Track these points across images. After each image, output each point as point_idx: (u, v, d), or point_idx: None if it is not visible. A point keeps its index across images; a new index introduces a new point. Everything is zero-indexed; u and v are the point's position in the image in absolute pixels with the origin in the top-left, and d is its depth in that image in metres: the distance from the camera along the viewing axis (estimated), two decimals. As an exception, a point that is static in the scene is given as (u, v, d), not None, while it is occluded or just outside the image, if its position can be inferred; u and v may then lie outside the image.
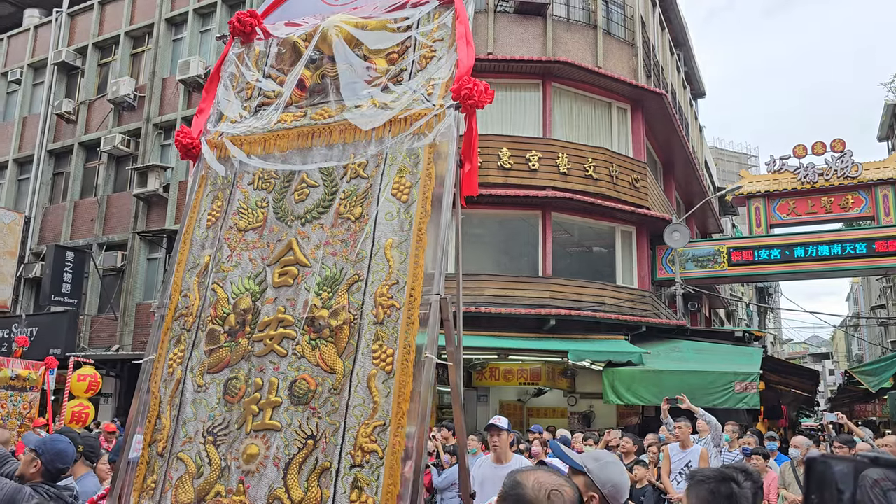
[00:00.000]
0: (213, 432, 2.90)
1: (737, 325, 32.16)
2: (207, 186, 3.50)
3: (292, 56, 3.59)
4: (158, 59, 19.47)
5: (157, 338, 3.22)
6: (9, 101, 22.99)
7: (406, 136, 3.12)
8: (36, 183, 20.96)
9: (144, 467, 2.96)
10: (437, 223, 2.93)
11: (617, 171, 15.97)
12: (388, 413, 2.66)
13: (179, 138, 3.54)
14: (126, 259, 18.37)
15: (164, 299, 3.31)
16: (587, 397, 16.32)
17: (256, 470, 2.76)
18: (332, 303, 2.92)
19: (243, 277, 3.16)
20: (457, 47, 3.22)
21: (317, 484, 2.66)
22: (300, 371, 2.87)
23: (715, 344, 15.24)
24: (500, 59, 15.62)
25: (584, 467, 2.31)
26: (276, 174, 3.33)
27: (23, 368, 9.77)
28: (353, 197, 3.11)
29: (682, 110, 23.05)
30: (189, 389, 3.01)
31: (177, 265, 3.34)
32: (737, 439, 8.96)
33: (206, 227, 3.38)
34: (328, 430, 2.72)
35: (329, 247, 3.05)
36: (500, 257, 15.72)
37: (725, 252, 17.46)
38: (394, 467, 2.57)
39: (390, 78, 3.32)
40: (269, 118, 3.48)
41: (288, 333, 2.95)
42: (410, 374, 2.69)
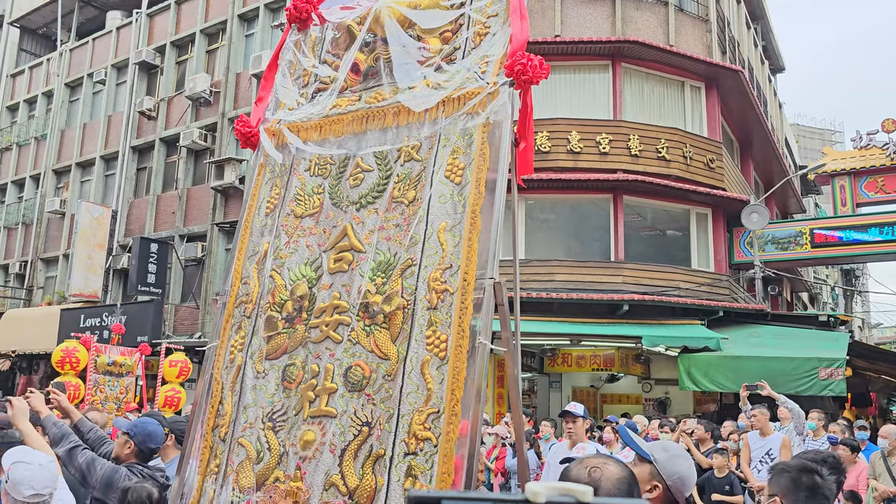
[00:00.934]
0: (272, 418, 2.91)
1: (821, 309, 30.84)
2: (266, 174, 3.50)
3: (347, 40, 3.54)
4: (232, 54, 20.01)
5: (219, 325, 3.25)
6: (95, 100, 24.09)
7: (459, 116, 3.01)
8: (121, 178, 21.94)
9: (208, 451, 3.01)
10: (492, 205, 2.81)
11: (691, 151, 15.52)
12: (441, 400, 2.60)
13: (239, 127, 3.55)
14: (206, 249, 19.05)
15: (225, 287, 3.34)
16: (662, 383, 16.02)
17: (313, 456, 2.76)
18: (385, 288, 2.87)
19: (300, 264, 3.15)
20: (510, 22, 3.07)
21: (371, 471, 2.63)
22: (355, 357, 2.84)
23: (797, 329, 14.68)
24: (568, 41, 15.37)
25: (651, 456, 2.26)
26: (332, 160, 3.31)
27: (119, 355, 10.30)
28: (407, 180, 3.05)
29: (759, 87, 22.17)
30: (249, 376, 3.03)
31: (237, 253, 3.36)
32: (822, 427, 8.63)
33: (265, 215, 3.39)
34: (382, 417, 2.68)
35: (383, 231, 3.00)
36: (571, 242, 15.54)
37: (808, 233, 16.75)
38: (448, 455, 2.51)
39: (443, 57, 3.22)
40: (325, 104, 3.44)
41: (343, 319, 2.92)
42: (464, 361, 2.61)
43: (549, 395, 16.52)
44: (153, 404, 10.38)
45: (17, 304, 23.58)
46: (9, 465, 2.81)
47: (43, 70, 25.99)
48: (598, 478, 1.71)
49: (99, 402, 9.29)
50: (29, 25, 27.63)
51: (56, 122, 24.63)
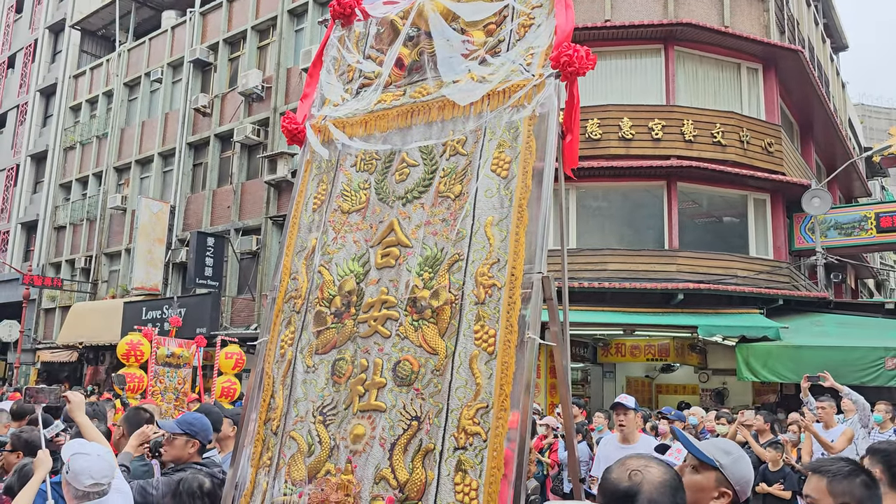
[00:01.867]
0: (322, 412, 2.94)
1: (889, 296, 29.68)
2: (313, 170, 3.52)
3: (390, 35, 3.53)
4: (283, 50, 20.29)
5: (269, 320, 3.28)
6: (152, 99, 24.76)
7: (505, 109, 2.98)
8: (178, 174, 22.52)
9: (260, 444, 3.05)
10: (539, 198, 2.77)
11: (748, 135, 15.07)
12: (490, 395, 2.59)
13: (285, 124, 3.57)
14: (260, 243, 19.42)
15: (275, 282, 3.36)
16: (720, 374, 15.68)
17: (363, 450, 2.78)
18: (433, 283, 2.87)
19: (348, 259, 3.16)
20: (555, 13, 3.02)
21: (421, 465, 2.64)
22: (403, 352, 2.85)
23: (862, 317, 14.15)
24: (618, 26, 15.08)
25: (717, 462, 2.16)
26: (378, 155, 3.29)
27: (177, 347, 10.60)
28: (453, 175, 3.03)
29: (820, 66, 21.37)
30: (299, 370, 3.06)
31: (286, 249, 3.38)
32: (889, 420, 8.30)
33: (312, 211, 3.41)
34: (431, 412, 2.69)
35: (430, 226, 2.99)
36: (624, 230, 15.28)
37: (873, 217, 16.09)
38: (497, 450, 2.50)
39: (488, 50, 3.18)
40: (370, 99, 3.43)
41: (391, 314, 2.93)
42: (513, 356, 2.60)
43: (602, 386, 16.34)
44: (210, 394, 10.65)
45: (83, 297, 24.49)
46: (69, 457, 2.92)
47: (103, 70, 26.83)
48: (638, 482, 1.65)
49: (159, 393, 9.59)
50: (89, 28, 28.53)
51: (116, 121, 25.41)
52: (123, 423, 4.00)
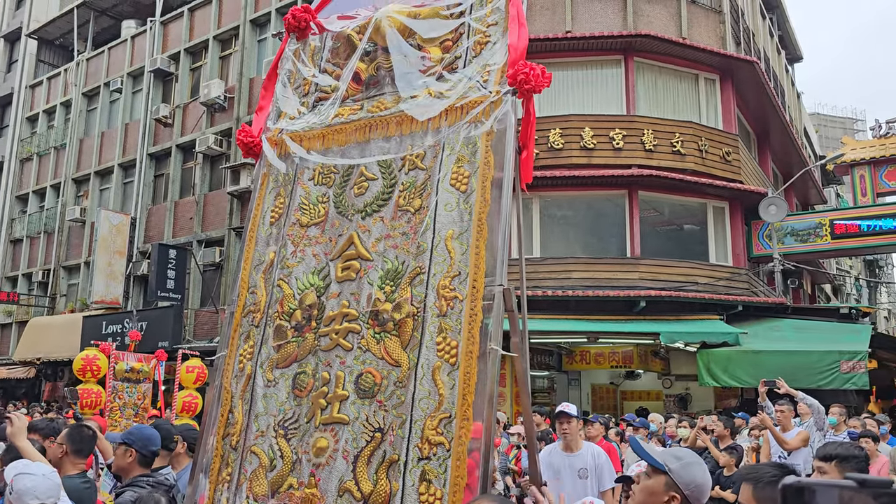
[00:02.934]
0: (283, 426, 2.94)
1: (845, 300, 30.44)
2: (270, 184, 3.52)
3: (347, 49, 3.56)
4: (245, 60, 20.15)
5: (227, 334, 3.28)
6: (112, 109, 24.39)
7: (462, 125, 3.04)
8: (139, 185, 22.19)
9: (219, 460, 3.03)
10: (498, 212, 2.84)
11: (706, 145, 15.38)
12: (453, 405, 2.64)
13: (241, 137, 3.56)
14: (223, 254, 19.21)
15: (233, 296, 3.37)
16: (683, 379, 15.91)
17: (326, 463, 2.79)
18: (395, 296, 2.91)
19: (307, 273, 3.17)
20: (509, 31, 3.11)
21: (385, 476, 2.67)
22: (365, 364, 2.88)
23: (818, 322, 14.49)
24: (579, 37, 15.29)
25: (666, 466, 2.22)
26: (336, 169, 3.31)
27: (136, 361, 10.40)
28: (412, 189, 3.07)
29: (776, 77, 21.91)
30: (259, 384, 3.06)
31: (243, 262, 3.38)
32: (843, 422, 8.51)
33: (269, 224, 3.41)
34: (395, 423, 2.72)
35: (390, 240, 3.04)
36: (587, 239, 15.46)
37: (828, 224, 16.52)
38: (461, 459, 2.55)
39: (445, 66, 3.24)
40: (327, 113, 3.45)
41: (353, 327, 2.96)
42: (475, 366, 2.65)
43: (568, 393, 16.45)
44: (171, 409, 10.48)
45: (41, 311, 23.94)
46: (12, 477, 2.85)
47: (61, 80, 26.35)
48: None
49: (118, 409, 9.40)
50: (46, 37, 28.01)
51: (75, 132, 24.96)
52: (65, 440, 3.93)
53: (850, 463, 3.08)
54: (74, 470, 4.00)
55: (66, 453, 4.06)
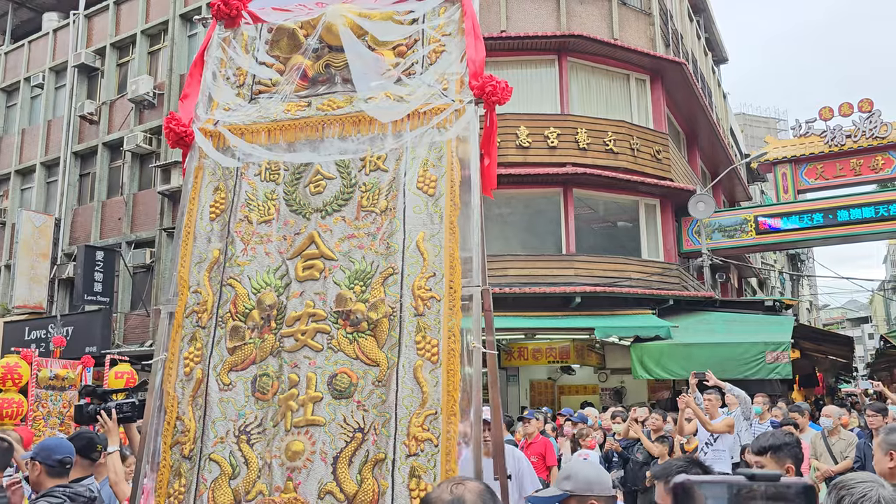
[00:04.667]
0: (245, 431, 2.85)
1: (770, 293, 31.69)
2: (206, 177, 3.34)
3: (290, 44, 3.47)
4: (175, 55, 19.60)
5: (166, 336, 3.12)
6: (33, 105, 23.36)
7: (426, 131, 3.10)
8: (64, 185, 21.32)
9: (167, 471, 2.88)
10: (468, 216, 2.96)
11: (638, 143, 15.76)
12: (438, 402, 2.70)
13: (171, 126, 3.33)
14: (154, 256, 18.65)
15: (169, 296, 3.22)
16: (618, 373, 16.26)
17: (304, 466, 2.74)
18: (367, 296, 2.92)
19: (261, 272, 3.08)
20: (466, 44, 3.22)
21: (371, 475, 2.68)
22: (338, 365, 2.86)
23: (745, 314, 15.05)
24: (513, 37, 15.45)
25: (564, 492, 2.39)
26: (285, 165, 3.24)
27: (61, 368, 10.01)
28: (375, 190, 3.09)
29: (703, 78, 22.62)
30: (214, 389, 2.93)
31: (180, 260, 3.21)
32: (767, 410, 8.87)
33: (209, 220, 3.25)
34: (378, 423, 2.74)
35: (355, 240, 3.03)
36: (524, 237, 15.64)
37: (752, 220, 17.17)
38: (450, 453, 2.64)
39: (402, 71, 3.28)
40: (271, 108, 3.36)
41: (321, 328, 2.93)
42: (458, 363, 2.74)
43: (507, 390, 16.61)
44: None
45: (-43, 318, 22.75)
46: None
47: (-23, 75, 25.08)
48: (460, 493, 1.74)
49: (42, 418, 9.03)
50: (-39, 29, 26.61)
51: (-7, 129, 23.81)
52: None
53: (783, 451, 3.17)
54: (-10, 484, 3.82)
55: None
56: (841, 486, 2.04)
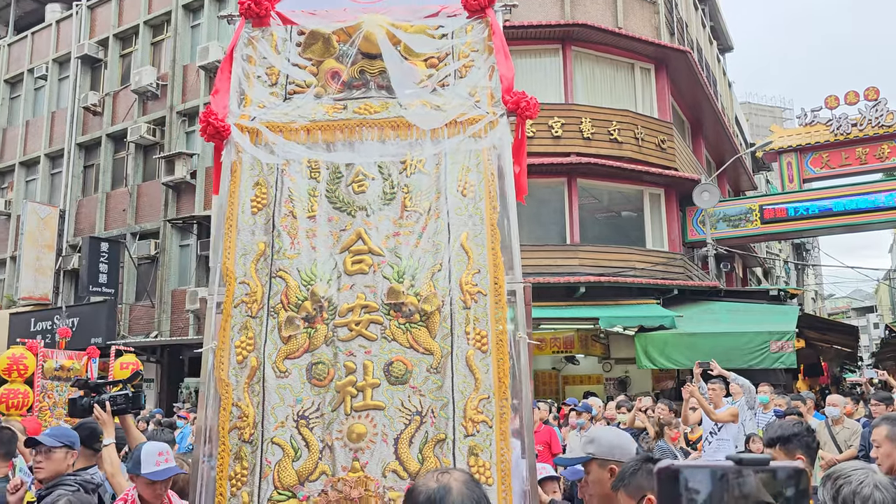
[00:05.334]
0: (304, 416, 3.00)
1: (775, 283, 31.62)
2: (244, 172, 3.42)
3: (324, 48, 3.62)
4: (178, 46, 19.57)
5: (215, 326, 3.18)
6: (37, 96, 23.39)
7: (463, 139, 3.35)
8: (68, 176, 21.36)
9: (227, 455, 2.96)
10: (506, 219, 3.24)
11: (642, 133, 15.69)
12: (490, 387, 2.95)
13: (210, 119, 3.39)
14: (159, 247, 18.69)
15: (216, 286, 3.26)
16: (622, 363, 16.27)
17: (367, 447, 2.95)
18: (417, 290, 3.14)
19: (309, 265, 3.22)
20: (496, 61, 3.50)
21: (433, 454, 2.92)
22: (393, 353, 3.06)
23: (749, 304, 15.02)
24: (517, 26, 15.36)
25: (587, 454, 2.46)
26: (325, 164, 3.38)
27: (66, 359, 10.02)
28: (417, 191, 3.30)
29: (708, 67, 22.50)
30: (271, 376, 3.05)
31: (224, 251, 3.27)
32: (772, 400, 8.86)
33: (251, 213, 3.34)
34: (435, 406, 2.97)
35: (400, 237, 3.22)
36: (528, 226, 15.60)
37: (757, 210, 17.11)
38: (504, 433, 2.89)
39: (437, 82, 3.52)
40: (307, 108, 3.49)
41: (375, 319, 3.11)
42: (506, 352, 2.99)
43: (511, 380, 16.63)
44: (106, 407, 10.15)
45: (-36, 309, 22.86)
46: None
47: (-19, 67, 25.11)
48: (446, 482, 1.75)
49: (48, 408, 9.07)
50: (-36, 20, 26.62)
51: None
52: None
53: (793, 442, 3.13)
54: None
55: None
56: (837, 476, 2.06)
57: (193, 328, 17.46)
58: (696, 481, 0.89)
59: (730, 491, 0.88)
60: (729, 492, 0.88)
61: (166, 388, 18.26)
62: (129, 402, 3.92)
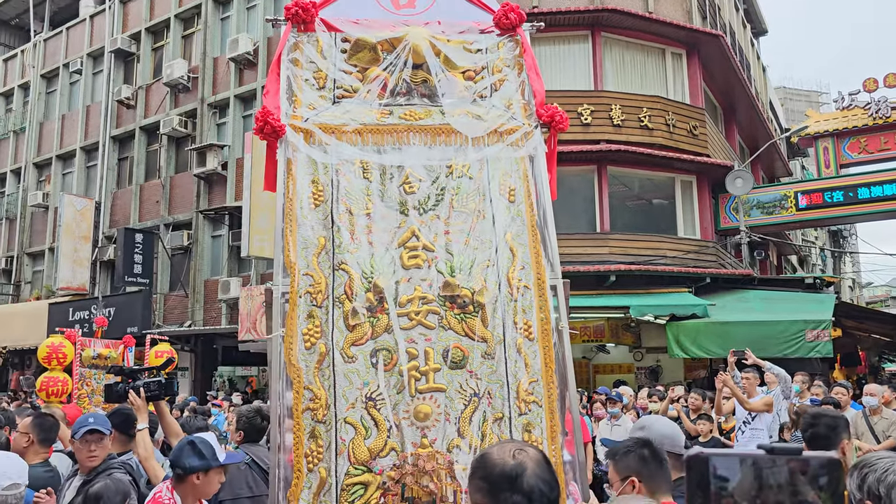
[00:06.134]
0: (371, 398, 3.26)
1: (811, 271, 31.02)
2: (299, 169, 3.62)
3: (370, 56, 3.87)
4: (208, 39, 19.75)
5: (280, 314, 3.39)
6: (72, 91, 23.81)
7: (503, 147, 3.69)
8: (103, 169, 21.74)
9: (302, 434, 3.20)
10: (545, 220, 3.60)
11: (673, 119, 15.46)
12: (538, 371, 3.32)
13: (268, 120, 3.57)
14: (192, 238, 18.95)
15: (280, 278, 3.46)
16: (653, 352, 16.12)
17: (433, 425, 3.24)
18: (471, 284, 3.44)
19: (368, 259, 3.47)
20: (529, 77, 3.87)
21: (491, 431, 3.24)
22: (450, 341, 3.36)
23: (784, 292, 14.76)
24: (546, 12, 15.21)
25: (635, 438, 2.54)
26: (376, 166, 3.63)
27: (103, 347, 10.22)
28: (464, 194, 3.60)
29: (741, 51, 22.07)
30: (339, 362, 3.30)
31: (286, 245, 3.47)
32: (807, 389, 8.71)
33: (310, 209, 3.55)
34: (491, 388, 3.30)
35: (450, 235, 3.52)
36: (557, 215, 15.22)
37: (793, 196, 16.77)
38: (553, 411, 3.29)
39: (475, 93, 3.83)
40: (355, 111, 3.72)
41: (432, 309, 3.41)
42: (550, 341, 3.36)
43: (541, 369, 16.60)
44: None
45: (5, 299, 23.47)
46: None
47: (18, 62, 25.64)
48: (522, 460, 1.71)
49: (86, 396, 9.27)
50: (1, 17, 27.23)
51: (34, 115, 24.35)
52: (31, 429, 3.87)
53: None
54: (37, 459, 3.95)
55: (31, 442, 4.01)
56: (863, 465, 2.06)
57: (226, 317, 17.70)
58: (725, 469, 0.87)
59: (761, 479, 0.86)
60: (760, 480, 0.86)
61: (200, 377, 18.56)
62: (163, 389, 4.03)
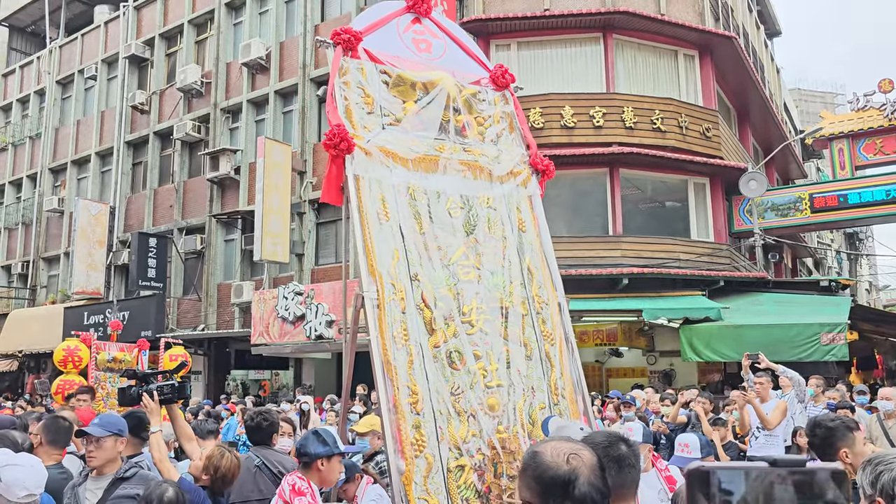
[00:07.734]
0: (452, 392, 3.75)
1: (826, 273, 30.71)
2: (366, 187, 3.95)
3: (409, 91, 4.35)
4: (221, 44, 19.87)
5: (372, 318, 3.68)
6: (87, 97, 24.02)
7: (516, 185, 4.50)
8: (117, 174, 21.92)
9: (405, 423, 3.54)
10: (549, 250, 4.47)
11: (686, 121, 15.38)
12: (560, 370, 4.15)
13: (343, 136, 3.86)
14: (205, 242, 19.05)
15: (367, 286, 3.73)
16: (667, 355, 16.02)
17: (501, 414, 3.84)
18: (511, 298, 4.14)
19: (436, 272, 3.96)
20: (522, 130, 4.73)
21: (539, 417, 3.95)
22: (501, 345, 4.00)
23: (799, 295, 14.62)
24: (557, 15, 15.19)
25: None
26: (423, 190, 4.11)
27: (118, 351, 10.30)
28: (493, 222, 4.28)
29: (755, 52, 21.92)
30: (428, 361, 3.76)
31: (367, 258, 3.78)
32: (822, 393, 8.62)
33: (380, 224, 3.89)
34: (534, 384, 4.02)
35: (486, 256, 4.15)
36: (569, 218, 15.46)
37: (807, 198, 16.62)
38: (572, 402, 4.14)
39: (489, 138, 4.53)
40: (405, 140, 4.17)
41: (488, 317, 4.01)
42: (565, 347, 4.22)
43: (553, 372, 16.53)
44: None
45: (21, 304, 23.70)
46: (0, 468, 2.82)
47: (34, 68, 25.91)
48: (576, 466, 1.61)
49: (101, 399, 9.33)
50: (17, 24, 27.51)
51: (50, 121, 24.59)
52: (42, 431, 3.90)
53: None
54: (49, 461, 3.97)
55: (41, 444, 4.03)
56: (878, 462, 1.99)
57: (239, 321, 17.77)
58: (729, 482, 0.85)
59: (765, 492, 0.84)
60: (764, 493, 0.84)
61: (213, 381, 18.65)
62: (175, 393, 4.05)
